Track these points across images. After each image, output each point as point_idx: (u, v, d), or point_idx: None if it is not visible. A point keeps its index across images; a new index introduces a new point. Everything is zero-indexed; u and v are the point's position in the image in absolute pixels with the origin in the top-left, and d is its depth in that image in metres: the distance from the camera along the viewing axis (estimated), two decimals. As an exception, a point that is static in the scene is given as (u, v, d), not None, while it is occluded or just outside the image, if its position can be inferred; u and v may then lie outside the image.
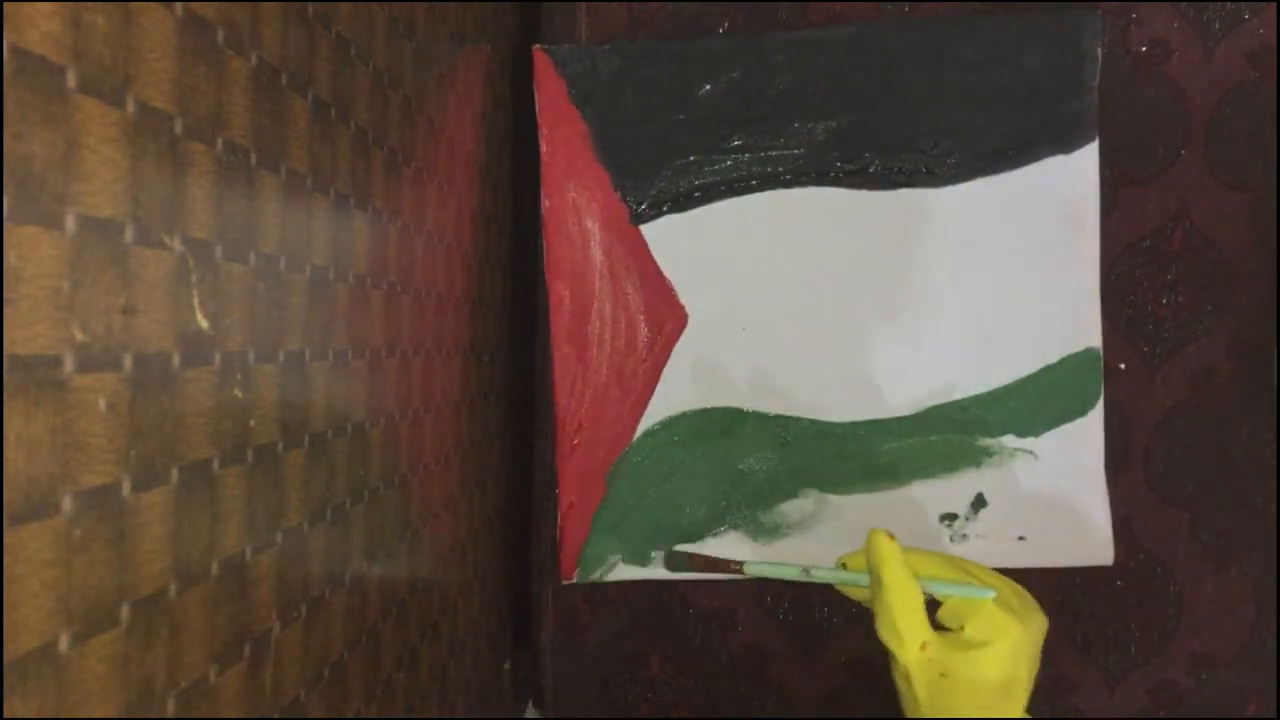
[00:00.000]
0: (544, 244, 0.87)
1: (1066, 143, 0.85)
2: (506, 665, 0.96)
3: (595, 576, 0.89)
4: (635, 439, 0.88)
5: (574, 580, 0.88)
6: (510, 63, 0.93)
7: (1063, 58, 0.84)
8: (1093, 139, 0.85)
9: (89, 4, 0.30)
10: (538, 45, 0.86)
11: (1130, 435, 0.88)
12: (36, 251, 0.28)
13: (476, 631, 0.84)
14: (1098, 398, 0.86)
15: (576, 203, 0.87)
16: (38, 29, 0.28)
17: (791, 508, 0.88)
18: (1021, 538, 0.87)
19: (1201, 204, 0.87)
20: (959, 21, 0.85)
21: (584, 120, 0.86)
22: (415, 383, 0.65)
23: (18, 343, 0.27)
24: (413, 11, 0.64)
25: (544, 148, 0.86)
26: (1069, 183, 0.85)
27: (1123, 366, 0.88)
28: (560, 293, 0.87)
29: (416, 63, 0.65)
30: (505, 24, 0.92)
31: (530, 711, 0.95)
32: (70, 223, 0.29)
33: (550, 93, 0.86)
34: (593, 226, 0.87)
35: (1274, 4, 0.85)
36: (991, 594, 0.59)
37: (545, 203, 0.87)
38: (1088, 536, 0.87)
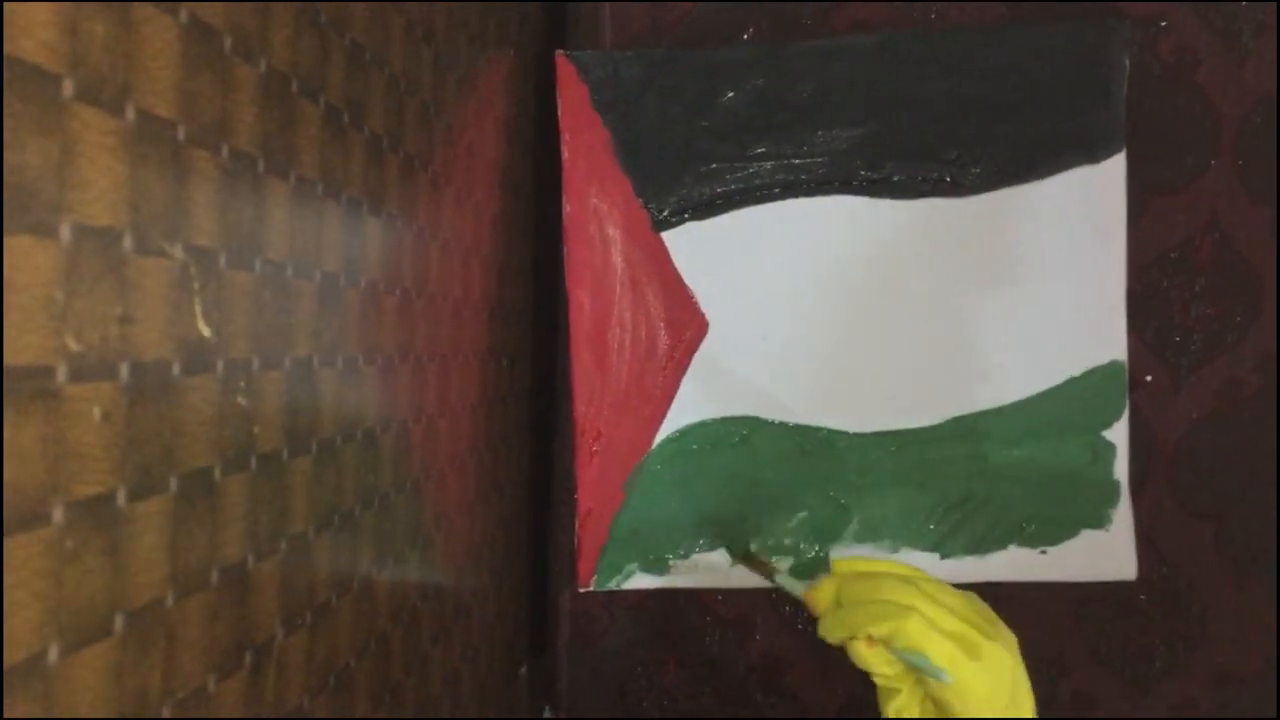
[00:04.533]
0: (565, 250, 0.87)
1: (1094, 153, 0.84)
2: (523, 670, 0.96)
3: (612, 584, 0.88)
4: (654, 447, 0.87)
5: (591, 587, 0.88)
6: (534, 68, 0.93)
7: (1090, 67, 0.83)
8: (1120, 149, 0.84)
9: (87, 13, 0.30)
10: (560, 51, 0.86)
11: (1155, 448, 0.87)
12: (29, 261, 0.28)
13: (492, 637, 0.84)
14: (1122, 411, 0.85)
15: (598, 209, 0.87)
16: (33, 38, 0.28)
17: (810, 517, 0.87)
18: (1043, 551, 0.86)
19: (1231, 215, 0.86)
20: (985, 30, 0.84)
21: (606, 126, 0.86)
22: (430, 388, 0.65)
23: (9, 353, 0.27)
24: (432, 16, 0.64)
25: (565, 153, 0.86)
26: (1096, 193, 0.84)
27: (1149, 378, 0.87)
28: (580, 299, 0.87)
29: (436, 68, 0.65)
30: (529, 29, 0.92)
31: (546, 713, 0.94)
32: (65, 232, 0.29)
33: (572, 99, 0.86)
34: (614, 233, 0.87)
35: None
36: (947, 679, 0.57)
37: (566, 208, 0.86)
38: (1110, 551, 0.86)
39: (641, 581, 0.89)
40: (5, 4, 0.27)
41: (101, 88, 0.31)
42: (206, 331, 0.37)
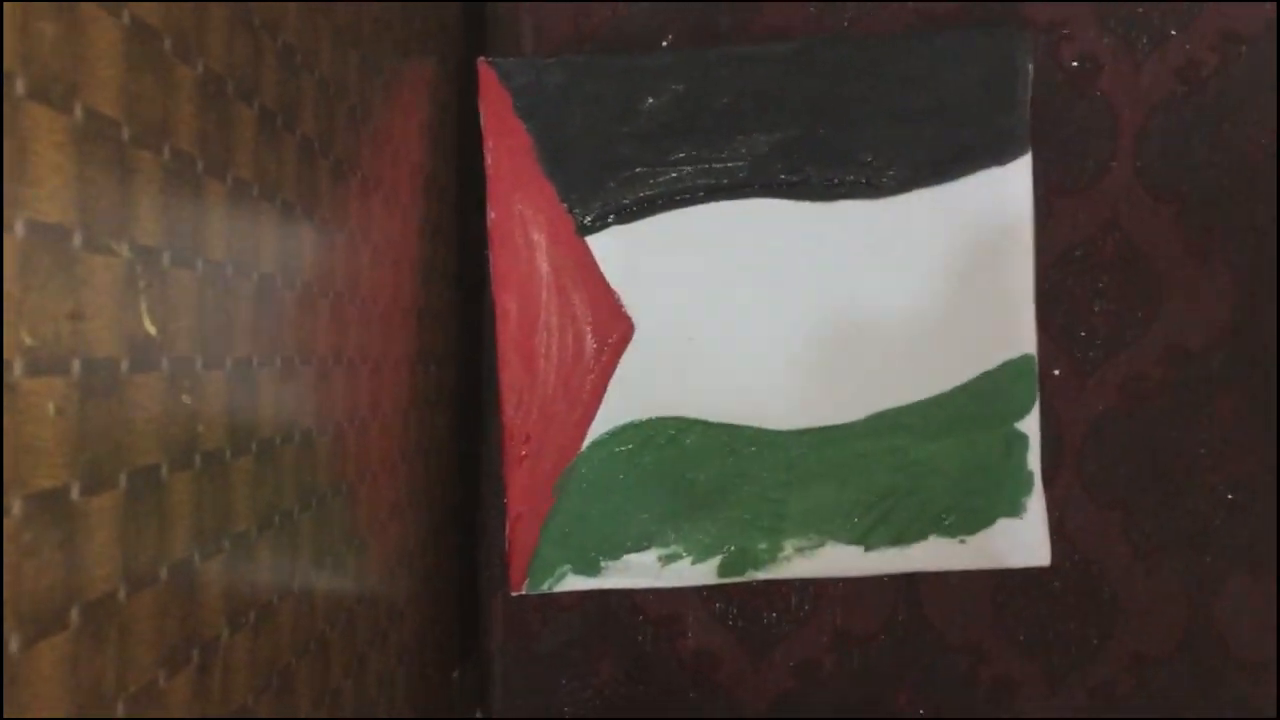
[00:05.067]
0: (490, 256, 0.87)
1: (1001, 156, 0.87)
2: (456, 673, 0.96)
3: (544, 587, 0.89)
4: (583, 449, 0.88)
5: (523, 591, 0.89)
6: (456, 74, 0.93)
7: (996, 73, 0.86)
8: (1026, 152, 0.87)
9: (37, 13, 0.30)
10: (482, 58, 0.87)
11: (1064, 439, 0.90)
12: (-14, 256, 0.28)
13: (425, 640, 0.84)
14: (1034, 403, 0.88)
15: (522, 215, 0.87)
16: (-13, 36, 0.28)
17: (739, 514, 0.89)
18: (962, 540, 0.89)
19: (1131, 215, 0.89)
20: (896, 38, 0.87)
21: (529, 133, 0.87)
22: (363, 391, 0.65)
23: (-33, 346, 0.27)
24: (359, 20, 0.64)
25: (489, 160, 0.87)
26: (1004, 194, 0.87)
27: (1056, 373, 0.90)
28: (507, 305, 0.87)
29: (362, 72, 0.65)
30: (451, 35, 0.92)
31: (478, 714, 0.95)
32: (19, 228, 0.29)
33: (495, 105, 0.86)
34: (539, 238, 0.87)
35: (1199, 22, 0.88)
36: None
37: (491, 214, 0.87)
38: (1025, 538, 0.89)
39: (573, 583, 0.89)
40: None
41: (51, 86, 0.31)
42: (152, 329, 0.37)
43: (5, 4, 0.29)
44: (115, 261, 0.35)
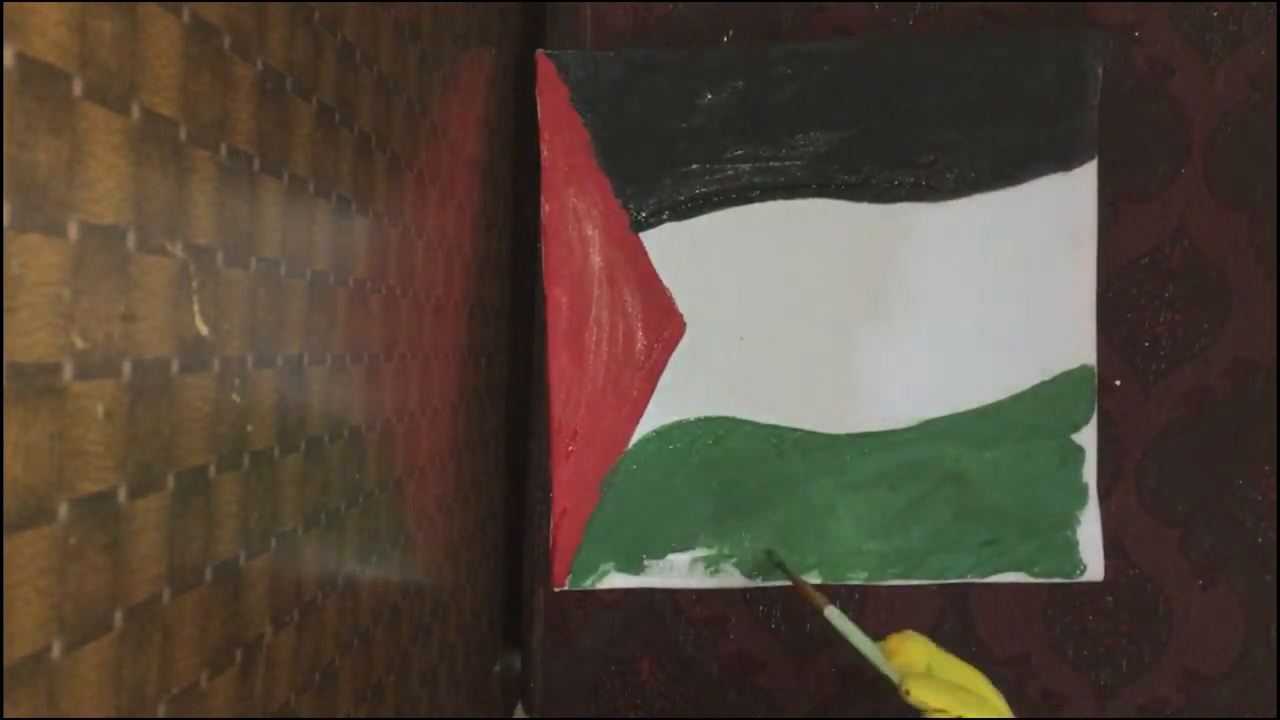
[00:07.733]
0: (543, 249, 0.87)
1: (1066, 161, 0.85)
2: (496, 668, 0.96)
3: (587, 584, 0.89)
4: (630, 446, 0.88)
5: (565, 587, 0.88)
6: (514, 66, 0.93)
7: (1065, 76, 0.85)
8: (1092, 157, 0.85)
9: (96, 12, 0.30)
10: (541, 50, 0.86)
11: (1123, 452, 0.88)
12: (38, 259, 0.28)
13: (467, 635, 0.84)
14: (1091, 414, 0.86)
15: (577, 209, 0.87)
16: (45, 36, 0.28)
17: (785, 517, 0.88)
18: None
19: (1200, 223, 0.87)
20: (963, 38, 0.85)
21: (585, 126, 0.86)
22: (412, 386, 0.65)
23: (18, 350, 0.27)
24: (418, 15, 0.64)
25: (545, 153, 0.86)
26: (1068, 200, 0.85)
27: (1118, 383, 0.88)
28: (558, 298, 0.87)
29: (421, 66, 0.65)
30: (510, 27, 0.92)
31: (519, 712, 0.95)
32: (73, 230, 0.29)
33: (552, 98, 0.86)
34: (592, 233, 0.87)
35: (1274, 27, 0.86)
36: None
37: (545, 208, 0.87)
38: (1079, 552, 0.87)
39: (616, 581, 0.89)
40: (19, 2, 0.27)
41: (109, 86, 0.31)
42: (204, 329, 0.37)
43: (63, 3, 0.29)
44: (168, 262, 0.34)
